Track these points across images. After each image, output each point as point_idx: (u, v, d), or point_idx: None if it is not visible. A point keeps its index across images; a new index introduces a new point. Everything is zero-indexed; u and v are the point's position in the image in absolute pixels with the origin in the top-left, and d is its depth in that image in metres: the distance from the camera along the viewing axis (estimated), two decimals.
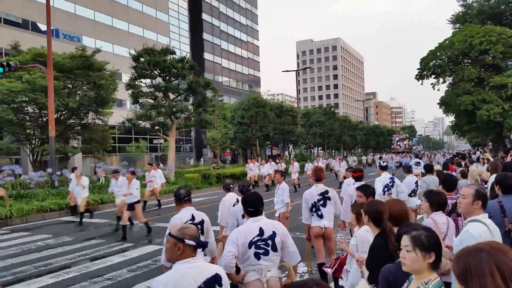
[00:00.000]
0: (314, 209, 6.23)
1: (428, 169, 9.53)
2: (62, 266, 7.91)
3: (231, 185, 6.68)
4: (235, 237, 3.68)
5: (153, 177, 15.39)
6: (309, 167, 25.60)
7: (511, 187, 4.48)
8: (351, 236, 5.01)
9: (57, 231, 11.73)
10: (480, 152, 36.51)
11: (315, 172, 6.64)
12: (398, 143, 61.53)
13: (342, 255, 4.89)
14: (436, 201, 4.18)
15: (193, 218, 4.67)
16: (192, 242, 2.63)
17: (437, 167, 13.29)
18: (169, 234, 2.70)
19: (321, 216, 6.20)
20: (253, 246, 3.68)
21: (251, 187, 6.26)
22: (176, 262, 2.63)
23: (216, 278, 2.65)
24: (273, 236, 3.74)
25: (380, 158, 25.44)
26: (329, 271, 4.98)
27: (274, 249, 3.74)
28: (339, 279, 5.08)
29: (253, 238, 3.68)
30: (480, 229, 3.10)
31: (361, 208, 3.94)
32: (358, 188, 5.28)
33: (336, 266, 4.87)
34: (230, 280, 3.38)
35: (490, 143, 45.77)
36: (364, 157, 47.18)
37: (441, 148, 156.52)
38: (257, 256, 3.68)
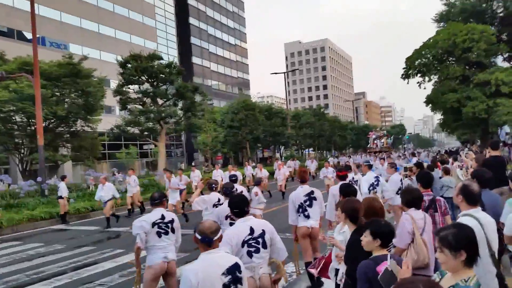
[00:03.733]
0: (300, 210, 6.37)
1: (419, 167, 9.80)
2: (54, 274, 7.99)
3: (213, 185, 6.87)
4: (228, 238, 3.81)
5: None
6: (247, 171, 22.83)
7: (487, 181, 4.70)
8: None
9: (48, 240, 11.78)
10: (468, 149, 36.82)
11: (300, 174, 6.83)
12: (375, 141, 52.33)
13: (326, 255, 5.03)
14: (410, 198, 4.35)
15: (163, 217, 5.02)
16: (198, 236, 2.98)
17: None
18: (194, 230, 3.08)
19: (308, 217, 6.35)
20: (246, 245, 3.83)
21: (235, 189, 6.46)
22: (201, 253, 2.98)
23: (237, 266, 2.98)
24: (262, 234, 3.91)
25: (349, 157, 24.15)
26: (314, 271, 5.10)
27: (264, 246, 3.91)
28: (326, 278, 5.22)
29: (245, 237, 3.84)
30: (469, 223, 3.22)
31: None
32: (340, 187, 5.47)
33: (321, 265, 5.00)
34: None
35: (479, 140, 46.33)
36: (331, 159, 42.60)
37: (431, 146, 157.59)
38: (250, 254, 3.84)
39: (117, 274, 7.69)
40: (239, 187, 9.06)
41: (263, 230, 3.94)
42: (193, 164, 28.00)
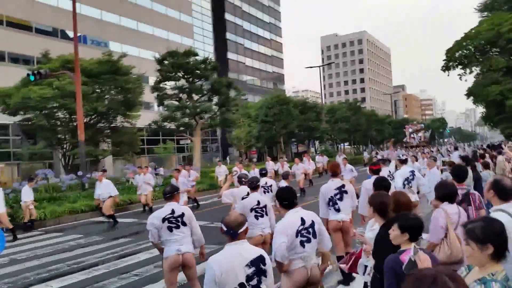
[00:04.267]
0: (331, 203, 6.38)
1: (464, 161, 9.55)
2: (93, 264, 8.33)
3: (243, 179, 7.10)
4: (283, 228, 3.93)
5: None
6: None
7: None
8: None
9: (88, 231, 12.25)
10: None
11: (331, 168, 6.80)
12: (412, 135, 49.32)
13: (357, 250, 5.01)
14: (443, 192, 4.27)
15: (173, 212, 5.15)
16: (224, 228, 3.07)
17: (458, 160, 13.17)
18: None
19: (338, 210, 6.35)
20: (299, 235, 3.94)
21: (259, 182, 6.56)
22: (226, 244, 3.06)
23: (261, 258, 3.05)
24: (312, 224, 4.03)
25: (376, 153, 23.50)
26: (344, 267, 5.09)
27: (314, 236, 4.03)
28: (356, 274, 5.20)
29: (298, 227, 3.95)
30: (502, 219, 3.16)
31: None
32: (374, 181, 5.43)
33: (352, 261, 4.99)
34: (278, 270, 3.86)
35: None
36: (366, 154, 40.49)
37: (474, 140, 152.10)
38: (302, 244, 3.95)
39: (152, 265, 7.91)
40: (269, 181, 9.13)
41: (312, 220, 4.05)
42: (225, 159, 28.14)
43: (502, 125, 44.34)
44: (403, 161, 9.37)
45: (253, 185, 6.38)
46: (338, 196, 6.37)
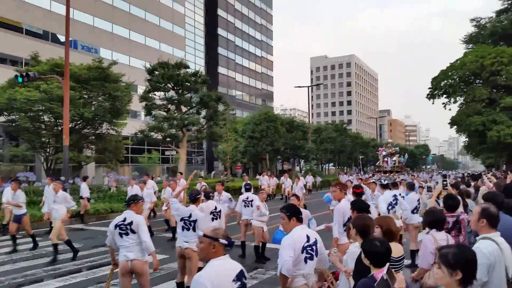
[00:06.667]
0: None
1: (456, 188, 9.69)
2: (70, 271, 8.22)
3: (210, 194, 7.48)
4: (291, 242, 3.97)
5: None
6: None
7: (501, 204, 4.64)
8: None
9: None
10: (492, 173, 35.90)
11: (341, 186, 6.78)
12: (385, 159, 44.34)
13: (338, 271, 5.08)
14: (432, 219, 4.41)
15: (124, 219, 5.34)
16: (224, 241, 2.97)
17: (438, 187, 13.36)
18: (204, 235, 3.00)
19: None
20: (305, 251, 4.01)
21: (200, 195, 6.62)
22: (210, 259, 2.94)
23: (242, 272, 3.02)
24: (316, 242, 4.13)
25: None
26: (324, 285, 5.16)
27: (316, 254, 4.10)
28: None
29: (304, 243, 4.02)
30: (490, 248, 3.23)
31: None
32: (351, 203, 5.51)
33: (332, 280, 5.06)
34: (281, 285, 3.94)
35: (504, 165, 45.25)
36: (341, 176, 34.28)
37: (456, 168, 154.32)
38: (306, 260, 4.01)
39: None
40: (250, 195, 9.18)
41: (315, 239, 4.13)
42: (210, 173, 27.86)
43: (483, 155, 45.25)
44: (385, 186, 9.48)
45: (192, 198, 6.45)
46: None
